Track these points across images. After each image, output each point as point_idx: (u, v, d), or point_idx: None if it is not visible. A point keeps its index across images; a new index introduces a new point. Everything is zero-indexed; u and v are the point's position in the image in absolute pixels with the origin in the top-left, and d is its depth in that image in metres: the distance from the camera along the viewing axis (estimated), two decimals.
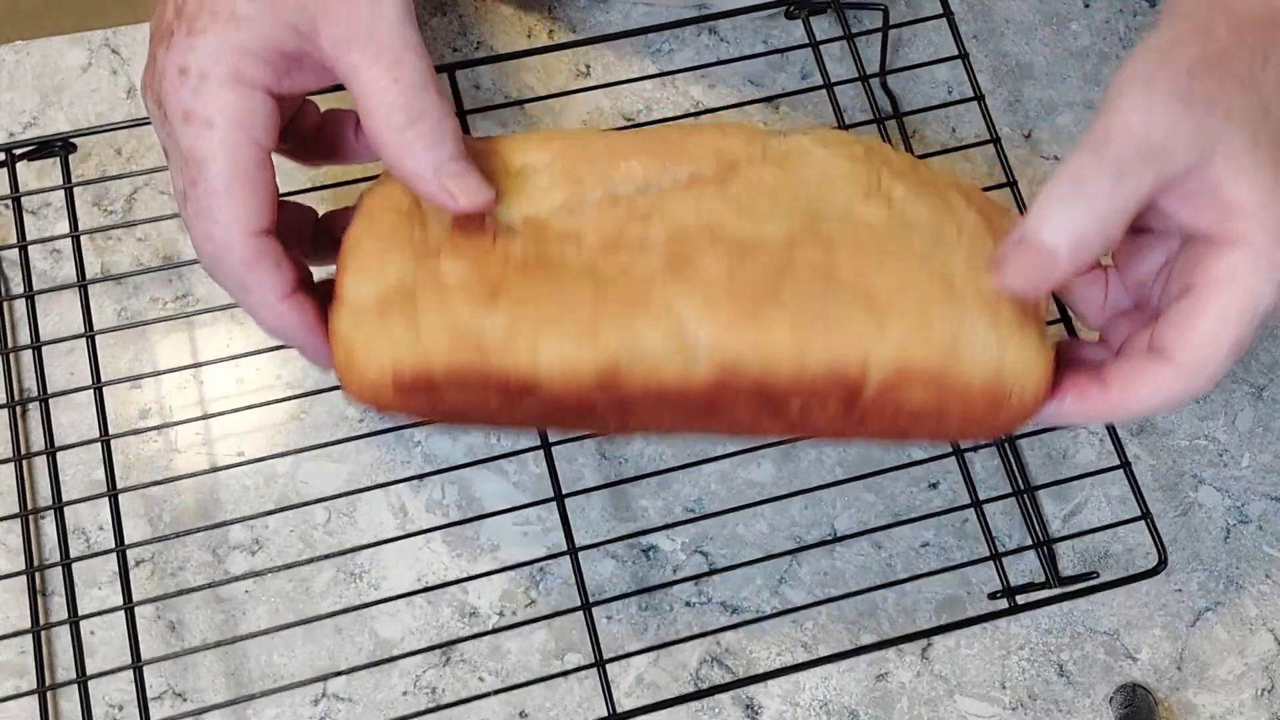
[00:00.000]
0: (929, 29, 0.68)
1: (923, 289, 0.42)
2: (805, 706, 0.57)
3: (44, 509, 0.52)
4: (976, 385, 0.42)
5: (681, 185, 0.45)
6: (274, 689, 0.51)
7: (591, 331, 0.41)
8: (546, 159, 0.46)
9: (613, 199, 0.44)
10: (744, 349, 0.41)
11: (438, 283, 0.41)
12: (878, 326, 0.41)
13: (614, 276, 0.42)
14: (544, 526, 0.58)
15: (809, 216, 0.44)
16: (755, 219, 0.44)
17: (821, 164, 0.46)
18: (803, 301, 0.41)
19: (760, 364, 0.41)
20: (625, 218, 0.44)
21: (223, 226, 0.40)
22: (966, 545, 0.59)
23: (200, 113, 0.40)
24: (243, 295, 0.42)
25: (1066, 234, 0.40)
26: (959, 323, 0.41)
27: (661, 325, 0.41)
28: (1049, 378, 0.42)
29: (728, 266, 0.42)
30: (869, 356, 0.41)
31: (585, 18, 0.67)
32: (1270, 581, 0.60)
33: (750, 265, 0.42)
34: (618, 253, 0.42)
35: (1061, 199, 0.40)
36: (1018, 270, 0.41)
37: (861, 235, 0.43)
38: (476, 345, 0.41)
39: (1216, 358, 0.40)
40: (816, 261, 0.42)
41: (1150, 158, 0.39)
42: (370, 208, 0.44)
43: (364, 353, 0.41)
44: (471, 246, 0.42)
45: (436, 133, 0.41)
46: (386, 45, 0.40)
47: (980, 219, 0.44)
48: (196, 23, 0.40)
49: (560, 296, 0.41)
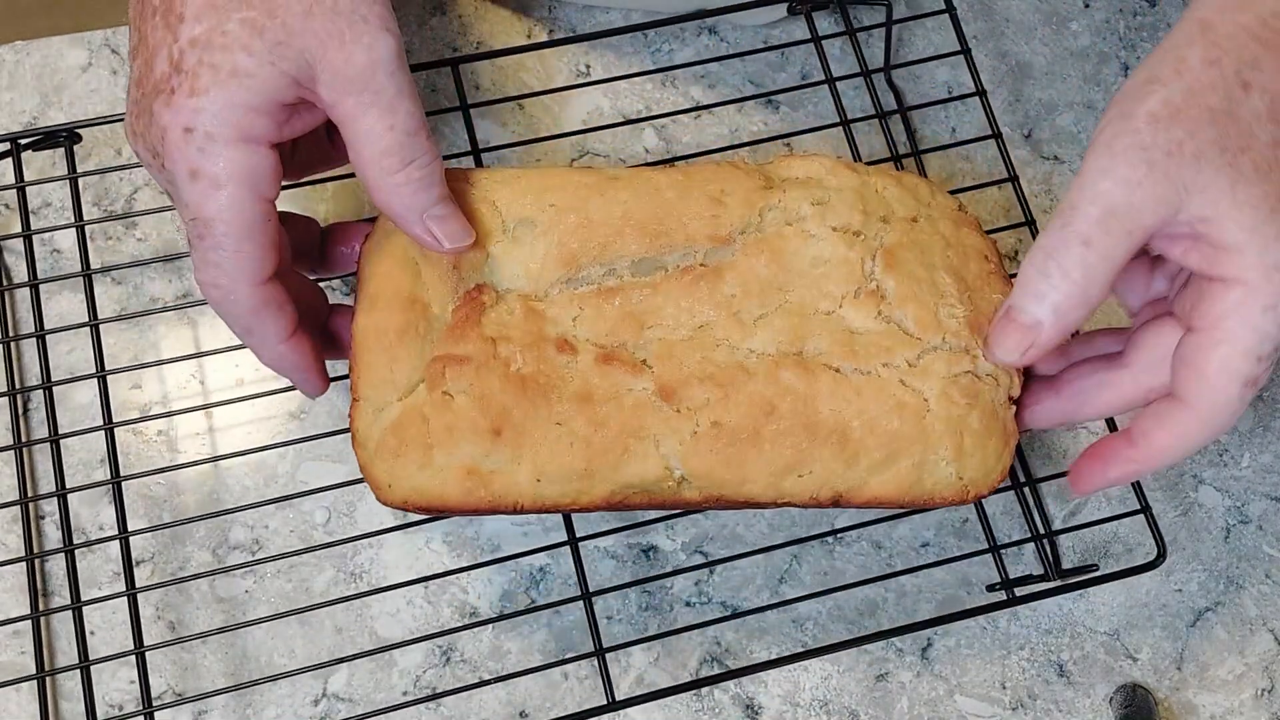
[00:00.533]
0: (930, 28, 0.68)
1: (894, 428, 0.46)
2: (805, 706, 0.57)
3: (46, 495, 0.52)
4: (938, 497, 0.48)
5: (675, 277, 0.47)
6: (277, 674, 0.51)
7: (588, 478, 0.46)
8: (543, 218, 0.48)
9: (607, 290, 0.47)
10: (725, 490, 0.47)
11: (447, 418, 0.45)
12: (849, 466, 0.46)
13: (607, 399, 0.46)
14: (544, 527, 0.58)
15: (798, 327, 0.47)
16: (744, 327, 0.47)
17: (815, 249, 0.48)
18: (781, 446, 0.46)
19: (742, 495, 0.47)
20: (618, 319, 0.47)
21: (230, 277, 0.42)
22: (967, 545, 0.59)
23: (208, 172, 0.40)
24: (246, 337, 0.44)
25: (1048, 308, 0.41)
26: (922, 460, 0.47)
27: (651, 464, 0.46)
28: (1006, 469, 0.48)
29: (714, 400, 0.46)
30: (840, 489, 0.47)
31: (585, 19, 0.67)
32: (1270, 581, 0.60)
33: (735, 401, 0.46)
34: (610, 371, 0.46)
35: (1039, 272, 0.41)
36: (1005, 345, 0.43)
37: (845, 350, 0.47)
38: (484, 483, 0.46)
39: (1231, 398, 0.41)
40: (799, 393, 0.46)
41: (1116, 222, 0.40)
42: (374, 293, 0.47)
43: (386, 488, 0.46)
44: (474, 350, 0.46)
45: (425, 178, 0.43)
46: (382, 92, 0.42)
47: (966, 321, 0.47)
48: (198, 81, 0.40)
49: (558, 443, 0.45)
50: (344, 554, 0.57)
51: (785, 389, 0.46)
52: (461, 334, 0.46)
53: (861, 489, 0.47)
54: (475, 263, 0.47)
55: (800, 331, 0.47)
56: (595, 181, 0.48)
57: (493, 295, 0.47)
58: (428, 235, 0.44)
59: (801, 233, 0.48)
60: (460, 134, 0.63)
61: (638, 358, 0.46)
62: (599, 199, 0.48)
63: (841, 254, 0.48)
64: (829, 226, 0.48)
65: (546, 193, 0.48)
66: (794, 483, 0.46)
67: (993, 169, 0.65)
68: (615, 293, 0.47)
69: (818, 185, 0.49)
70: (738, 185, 0.49)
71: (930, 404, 0.46)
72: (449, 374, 0.45)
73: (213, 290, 0.42)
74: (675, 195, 0.48)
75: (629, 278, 0.47)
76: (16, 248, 0.60)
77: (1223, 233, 0.39)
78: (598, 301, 0.47)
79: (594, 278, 0.47)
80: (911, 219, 0.49)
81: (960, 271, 0.48)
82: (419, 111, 0.43)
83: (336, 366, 0.59)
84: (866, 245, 0.48)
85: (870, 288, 0.48)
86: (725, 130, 0.65)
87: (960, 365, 0.47)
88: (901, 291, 0.47)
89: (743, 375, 0.46)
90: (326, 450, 0.59)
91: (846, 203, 0.49)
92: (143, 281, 0.60)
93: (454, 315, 0.46)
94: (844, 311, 0.47)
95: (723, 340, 0.47)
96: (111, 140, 0.62)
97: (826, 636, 0.58)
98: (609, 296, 0.47)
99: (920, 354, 0.47)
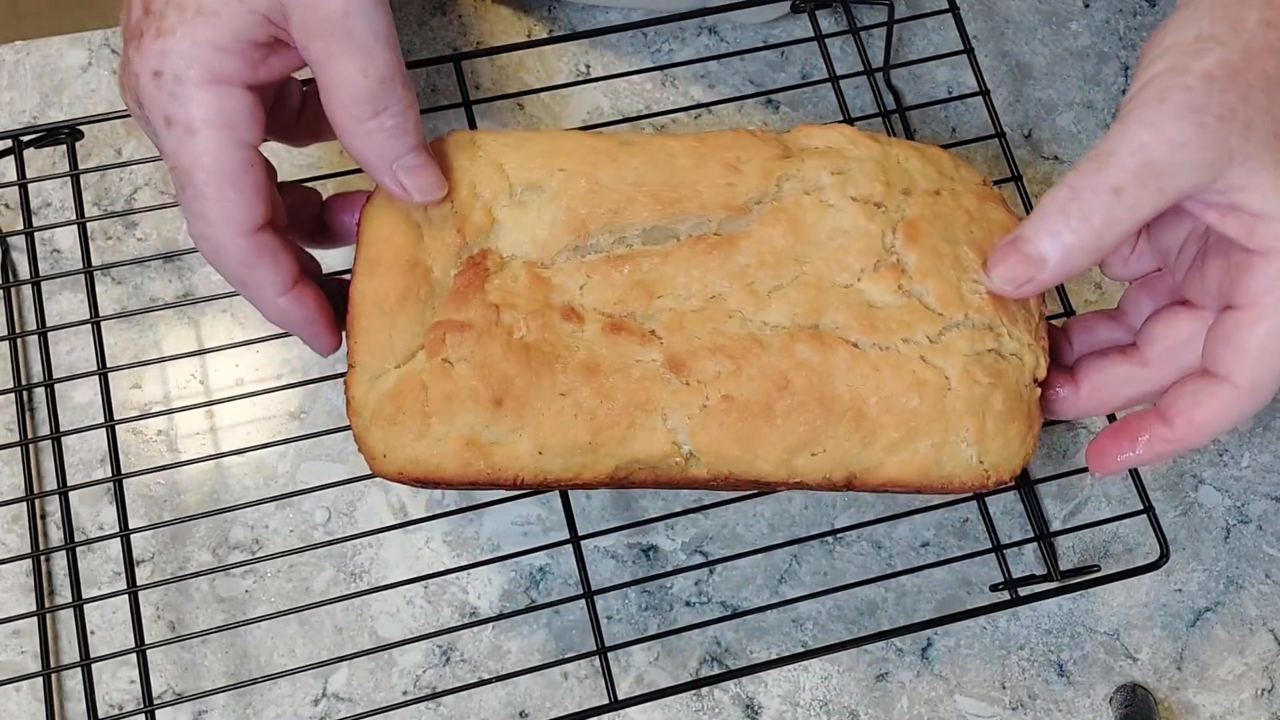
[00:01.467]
0: (930, 28, 0.68)
1: (913, 406, 0.44)
2: (805, 706, 0.57)
3: (49, 493, 0.52)
4: (957, 481, 0.45)
5: (688, 245, 0.45)
6: (277, 673, 0.51)
7: (593, 452, 0.44)
8: (551, 182, 0.46)
9: (616, 258, 0.45)
10: (734, 467, 0.44)
11: (446, 386, 0.43)
12: (865, 445, 0.44)
13: (614, 370, 0.44)
14: (544, 526, 0.58)
15: (814, 300, 0.45)
16: (758, 299, 0.45)
17: (833, 220, 0.46)
18: (794, 422, 0.44)
19: (752, 474, 0.45)
20: (627, 287, 0.45)
21: (216, 229, 0.40)
22: (967, 545, 0.59)
23: (180, 117, 0.39)
24: (244, 291, 0.42)
25: (1059, 246, 0.40)
26: (942, 441, 0.44)
27: (659, 438, 0.44)
28: (1030, 454, 0.46)
29: (725, 373, 0.44)
30: (855, 469, 0.45)
31: (585, 18, 0.67)
32: (1270, 581, 0.60)
33: (747, 374, 0.44)
34: (618, 341, 0.44)
35: (1059, 209, 0.40)
36: (1005, 271, 0.42)
37: (864, 324, 0.44)
38: (483, 454, 0.44)
39: (1274, 373, 0.40)
40: (814, 368, 0.44)
41: (1153, 178, 0.39)
42: (374, 257, 0.45)
43: (380, 458, 0.44)
44: (476, 317, 0.44)
45: (398, 126, 0.41)
46: (357, 35, 0.40)
47: (989, 297, 0.45)
48: (164, 21, 0.39)
49: (561, 414, 0.43)
50: (344, 553, 0.57)
51: (800, 363, 0.44)
52: (464, 300, 0.44)
53: (877, 470, 0.45)
54: (480, 227, 0.45)
55: (817, 304, 0.45)
56: (607, 147, 0.47)
57: (497, 261, 0.45)
58: (397, 185, 0.43)
59: (820, 203, 0.46)
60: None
61: (646, 328, 0.44)
62: (610, 164, 0.46)
63: (861, 225, 0.46)
64: (849, 197, 0.46)
65: (556, 157, 0.46)
66: (807, 461, 0.44)
67: (994, 169, 0.65)
68: (625, 261, 0.45)
69: (838, 155, 0.47)
70: (755, 153, 0.47)
71: (951, 382, 0.44)
72: (449, 341, 0.43)
73: (203, 243, 0.41)
74: (690, 162, 0.46)
75: (640, 246, 0.45)
76: (19, 245, 0.60)
77: (1265, 203, 0.38)
78: (606, 269, 0.45)
79: (603, 245, 0.45)
80: (934, 192, 0.47)
81: (984, 246, 0.46)
82: (396, 58, 0.41)
83: (337, 365, 0.59)
84: (887, 217, 0.46)
85: (890, 261, 0.45)
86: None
87: (984, 343, 0.45)
88: (923, 265, 0.45)
89: (756, 348, 0.44)
90: (327, 449, 0.59)
91: (867, 173, 0.47)
92: (143, 281, 0.60)
93: (456, 281, 0.44)
94: (863, 285, 0.45)
95: (735, 311, 0.44)
96: (112, 139, 0.62)
97: (826, 636, 0.58)
98: (618, 264, 0.45)
99: (942, 330, 0.45)
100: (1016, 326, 0.46)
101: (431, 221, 0.45)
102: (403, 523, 0.53)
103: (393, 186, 0.43)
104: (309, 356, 0.59)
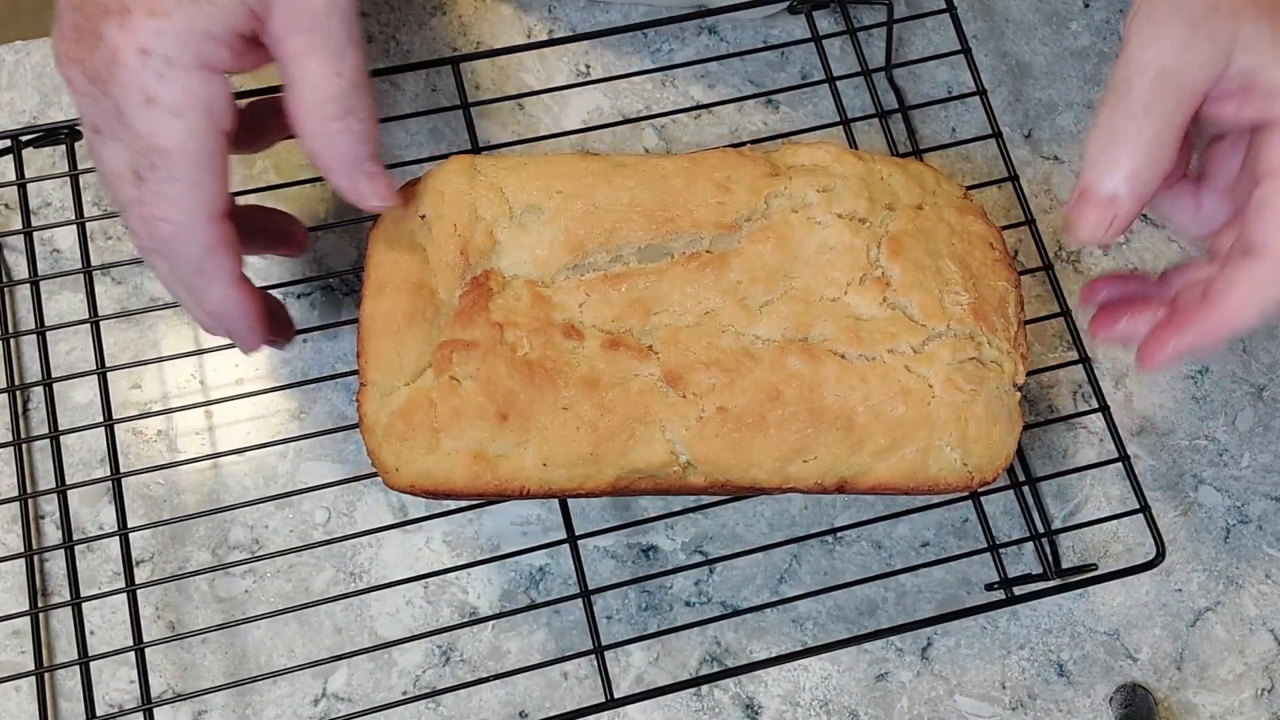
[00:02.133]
0: (929, 27, 0.68)
1: (899, 413, 0.47)
2: (805, 706, 0.57)
3: (46, 492, 0.52)
4: (943, 483, 0.48)
5: (681, 263, 0.48)
6: (277, 672, 0.51)
7: (595, 463, 0.46)
8: (550, 204, 0.48)
9: (614, 276, 0.47)
10: (730, 475, 0.47)
11: (454, 403, 0.45)
12: (854, 452, 0.47)
13: (613, 384, 0.46)
14: (543, 526, 0.58)
15: (803, 313, 0.47)
16: (750, 313, 0.47)
17: (820, 235, 0.48)
18: (786, 431, 0.46)
19: (747, 480, 0.47)
20: (625, 305, 0.47)
21: (186, 212, 0.41)
22: (967, 545, 0.59)
23: (165, 99, 0.39)
24: (195, 279, 0.43)
25: (1122, 178, 0.42)
26: (928, 446, 0.47)
27: (657, 449, 0.46)
28: (1011, 455, 0.49)
29: (720, 385, 0.46)
30: (845, 475, 0.47)
31: (585, 18, 0.67)
32: (1270, 581, 0.60)
33: (741, 386, 0.46)
34: (617, 356, 0.46)
35: (1103, 148, 0.42)
36: (1088, 224, 0.43)
37: (851, 336, 0.47)
38: (491, 467, 0.46)
39: None
40: (804, 379, 0.46)
41: (1171, 83, 0.41)
42: (381, 279, 0.47)
43: (393, 473, 0.46)
44: (481, 336, 0.46)
45: (364, 131, 0.42)
46: (334, 36, 0.40)
47: (970, 307, 0.48)
48: (158, 3, 0.39)
49: (564, 427, 0.45)
50: (343, 553, 0.57)
51: (790, 375, 0.46)
52: (468, 319, 0.46)
53: (866, 475, 0.47)
54: (482, 249, 0.47)
55: (806, 318, 0.47)
56: (602, 168, 0.49)
57: (499, 281, 0.47)
58: (355, 190, 0.43)
59: (807, 220, 0.48)
60: (460, 133, 0.63)
61: (644, 343, 0.47)
62: (606, 186, 0.48)
63: (847, 241, 0.48)
64: (835, 213, 0.48)
65: (553, 179, 0.48)
66: (799, 468, 0.47)
67: (993, 168, 0.64)
68: (622, 279, 0.47)
69: (824, 172, 0.50)
70: (744, 172, 0.49)
71: (935, 390, 0.47)
72: (456, 359, 0.45)
73: (164, 226, 0.41)
74: (682, 182, 0.48)
75: (635, 264, 0.48)
76: (17, 245, 0.60)
77: (1273, 76, 0.40)
78: (604, 287, 0.47)
79: (601, 264, 0.47)
80: (917, 206, 0.50)
81: (965, 259, 0.49)
82: (365, 66, 0.42)
83: (337, 365, 0.59)
84: (872, 232, 0.48)
85: (875, 274, 0.48)
86: (725, 130, 0.65)
87: (965, 352, 0.47)
88: (906, 278, 0.48)
89: (748, 361, 0.46)
90: (326, 449, 0.59)
91: (852, 190, 0.49)
92: (142, 281, 0.60)
93: (461, 301, 0.46)
94: (849, 298, 0.48)
95: (728, 326, 0.47)
96: None
97: (826, 636, 0.58)
98: (615, 283, 0.47)
99: (925, 340, 0.47)
100: (996, 335, 0.48)
101: (436, 244, 0.47)
102: (402, 522, 0.53)
103: (352, 188, 0.43)
104: (308, 357, 0.59)
